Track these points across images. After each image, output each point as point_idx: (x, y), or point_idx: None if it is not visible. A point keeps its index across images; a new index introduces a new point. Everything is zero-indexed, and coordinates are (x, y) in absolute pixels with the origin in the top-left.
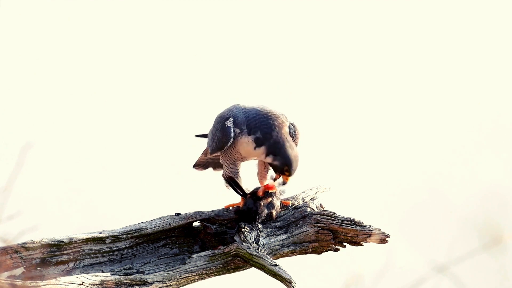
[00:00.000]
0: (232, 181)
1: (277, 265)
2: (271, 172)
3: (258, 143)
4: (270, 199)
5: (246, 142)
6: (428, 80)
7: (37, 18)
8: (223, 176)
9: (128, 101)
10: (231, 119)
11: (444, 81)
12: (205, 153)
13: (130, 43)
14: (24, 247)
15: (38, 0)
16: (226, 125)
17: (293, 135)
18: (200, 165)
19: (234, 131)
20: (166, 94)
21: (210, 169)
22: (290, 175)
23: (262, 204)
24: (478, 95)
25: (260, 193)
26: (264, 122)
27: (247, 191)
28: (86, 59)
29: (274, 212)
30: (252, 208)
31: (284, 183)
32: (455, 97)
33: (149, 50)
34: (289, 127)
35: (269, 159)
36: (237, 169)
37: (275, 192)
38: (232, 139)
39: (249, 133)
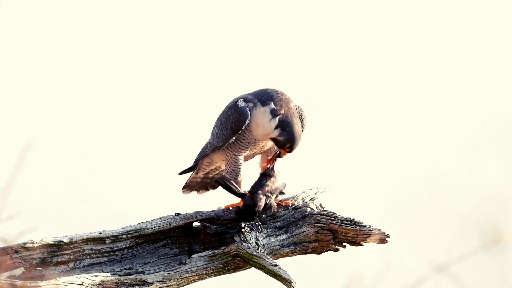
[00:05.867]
0: (227, 181)
1: (277, 265)
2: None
3: (274, 114)
4: (267, 189)
5: (262, 113)
6: (429, 81)
7: (37, 18)
8: (218, 180)
9: (128, 101)
10: (241, 100)
11: (444, 82)
12: (197, 171)
13: (130, 43)
14: (24, 247)
15: (38, 0)
16: (239, 105)
17: (301, 118)
18: (189, 186)
19: (248, 107)
20: (167, 94)
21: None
22: (290, 151)
23: (260, 195)
24: (478, 95)
25: (265, 164)
26: (275, 96)
27: (244, 192)
28: (86, 59)
29: (273, 203)
30: (251, 204)
31: (279, 156)
32: (455, 98)
33: (149, 50)
34: (296, 108)
35: (275, 133)
36: (240, 168)
37: (270, 176)
38: (249, 116)
39: (262, 105)
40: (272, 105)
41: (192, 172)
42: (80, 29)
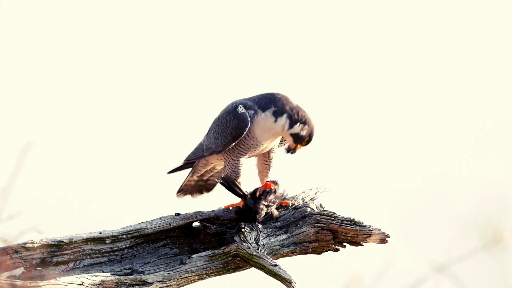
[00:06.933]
0: (231, 182)
1: (277, 265)
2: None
3: (276, 114)
4: (270, 198)
5: (263, 119)
6: (429, 81)
7: (37, 18)
8: (220, 179)
9: (128, 101)
10: (241, 105)
11: (444, 82)
12: (192, 173)
13: (129, 44)
14: (24, 247)
15: (38, 0)
16: (240, 111)
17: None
18: (184, 190)
19: (248, 114)
20: (167, 94)
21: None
22: (307, 144)
23: (262, 204)
24: (478, 96)
25: (258, 192)
26: (273, 98)
27: (246, 193)
28: (86, 59)
29: (274, 212)
30: (252, 208)
31: (293, 152)
32: (455, 98)
33: (148, 51)
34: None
35: (296, 129)
36: (240, 169)
37: (274, 190)
38: (250, 123)
39: (263, 111)
40: (273, 108)
41: (185, 169)
42: (80, 29)
